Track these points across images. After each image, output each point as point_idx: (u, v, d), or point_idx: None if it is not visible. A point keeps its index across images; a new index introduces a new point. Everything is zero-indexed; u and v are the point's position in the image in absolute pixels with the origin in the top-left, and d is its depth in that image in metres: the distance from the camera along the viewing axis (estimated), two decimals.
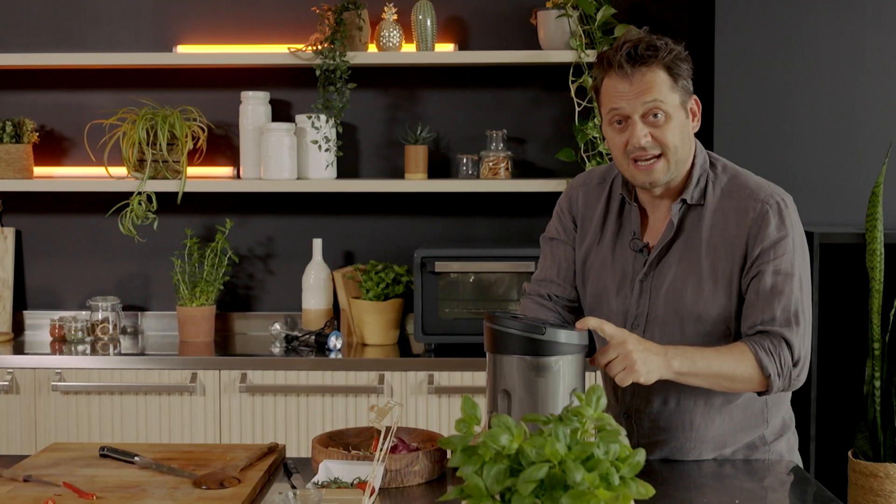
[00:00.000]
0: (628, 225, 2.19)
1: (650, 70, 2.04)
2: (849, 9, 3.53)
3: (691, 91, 2.12)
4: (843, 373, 3.54)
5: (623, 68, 2.03)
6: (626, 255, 2.18)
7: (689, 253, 2.12)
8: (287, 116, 3.90)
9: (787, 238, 2.07)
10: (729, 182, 2.14)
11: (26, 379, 3.45)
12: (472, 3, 3.92)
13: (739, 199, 2.11)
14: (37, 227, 4.01)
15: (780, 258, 2.06)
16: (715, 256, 2.10)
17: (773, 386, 2.06)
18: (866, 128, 3.55)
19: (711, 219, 2.11)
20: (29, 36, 3.95)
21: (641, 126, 2.05)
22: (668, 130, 2.06)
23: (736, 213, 2.10)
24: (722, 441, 2.22)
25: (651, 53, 2.04)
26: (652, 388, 2.14)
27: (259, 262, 4.00)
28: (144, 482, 2.05)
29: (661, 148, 2.07)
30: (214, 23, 3.94)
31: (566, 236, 2.28)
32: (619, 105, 2.06)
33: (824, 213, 3.54)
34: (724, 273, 2.10)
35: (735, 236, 2.09)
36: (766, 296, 2.05)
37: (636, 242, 2.17)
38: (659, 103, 2.04)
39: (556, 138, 3.90)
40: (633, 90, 2.04)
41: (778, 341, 2.05)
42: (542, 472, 1.40)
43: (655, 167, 2.08)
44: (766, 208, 2.08)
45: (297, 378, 3.43)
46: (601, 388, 1.53)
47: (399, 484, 2.04)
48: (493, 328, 2.04)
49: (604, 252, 2.21)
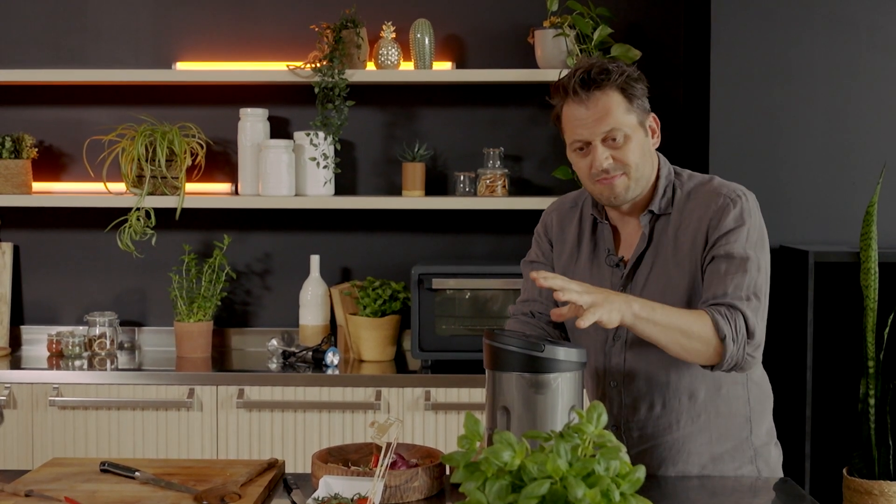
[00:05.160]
0: (602, 243, 2.28)
1: (604, 94, 2.13)
2: (843, 29, 3.56)
3: (648, 109, 2.20)
4: (838, 390, 3.56)
5: (578, 94, 2.13)
6: (604, 271, 2.26)
7: (660, 257, 2.20)
8: (285, 133, 3.92)
9: (744, 227, 2.14)
10: (694, 186, 2.23)
11: (24, 394, 3.46)
12: (470, 21, 3.95)
13: (702, 196, 2.20)
14: (35, 242, 4.02)
15: (735, 243, 2.12)
16: (681, 250, 2.18)
17: (727, 353, 2.05)
18: (860, 147, 3.58)
19: (677, 220, 2.20)
20: (29, 52, 3.97)
21: (602, 150, 2.14)
22: (629, 151, 2.15)
23: (699, 208, 2.18)
24: (709, 442, 2.25)
25: (604, 77, 2.12)
26: (637, 395, 2.21)
27: (256, 278, 4.01)
28: (145, 497, 2.06)
29: (622, 168, 2.15)
30: (213, 40, 3.97)
31: (545, 258, 2.38)
32: (580, 134, 2.15)
33: (819, 232, 3.57)
34: (689, 260, 2.17)
35: (697, 229, 2.17)
36: (721, 275, 2.10)
37: (612, 258, 2.25)
38: (616, 127, 2.13)
39: (553, 156, 3.92)
40: (590, 115, 2.13)
41: (733, 310, 2.07)
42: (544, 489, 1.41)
43: (616, 182, 2.16)
44: (727, 201, 2.16)
45: (295, 394, 3.44)
46: (601, 405, 1.55)
47: (399, 500, 2.05)
48: (493, 345, 2.06)
49: (581, 270, 2.29)
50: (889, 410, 3.36)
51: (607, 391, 2.27)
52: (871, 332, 3.35)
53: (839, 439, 3.57)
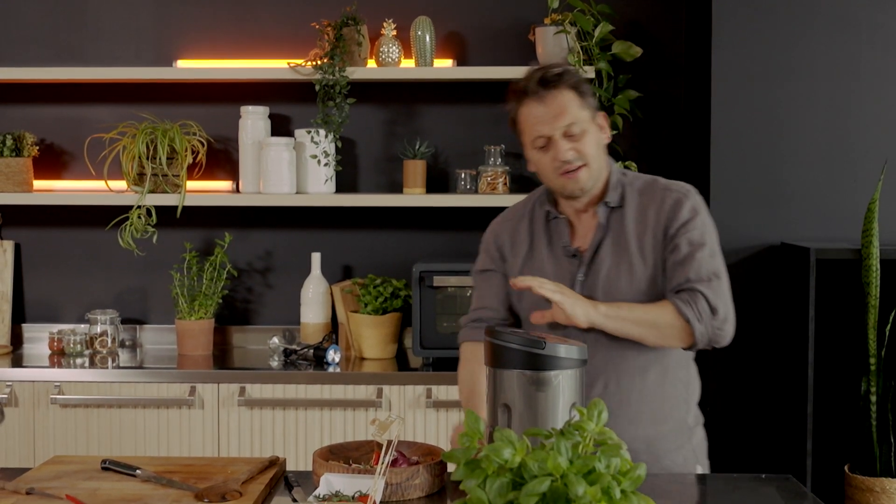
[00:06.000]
0: (557, 237, 2.41)
1: (560, 92, 2.31)
2: (844, 27, 3.56)
3: (597, 108, 2.39)
4: (840, 388, 3.56)
5: (537, 93, 2.31)
6: (562, 263, 2.39)
7: (618, 246, 2.35)
8: (286, 131, 3.92)
9: (698, 217, 2.33)
10: (643, 184, 2.41)
11: (25, 392, 3.46)
12: (471, 19, 3.95)
13: (655, 192, 2.38)
14: (36, 240, 4.02)
15: (691, 231, 2.31)
16: (641, 242, 2.34)
17: (697, 332, 2.23)
18: (862, 144, 3.57)
19: (634, 213, 2.36)
20: (30, 50, 3.97)
21: (564, 142, 2.31)
22: (587, 143, 2.32)
23: (654, 203, 2.36)
24: (653, 421, 2.36)
25: (558, 77, 2.32)
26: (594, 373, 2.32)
27: (258, 275, 4.01)
28: (146, 495, 2.06)
29: (583, 159, 2.32)
30: (214, 37, 3.96)
31: (495, 266, 2.49)
32: (541, 130, 2.31)
33: (820, 229, 3.57)
34: (651, 254, 2.33)
35: (655, 222, 2.34)
36: (681, 262, 2.29)
37: (568, 249, 2.38)
38: (574, 121, 2.31)
39: None
40: (549, 112, 2.30)
41: (692, 293, 2.25)
42: (545, 486, 1.41)
43: (580, 175, 2.33)
44: (679, 196, 2.35)
45: (296, 392, 3.44)
46: (602, 403, 1.55)
47: (400, 497, 2.05)
48: (493, 343, 2.06)
49: (539, 265, 2.41)
50: (890, 407, 3.36)
51: None
52: (873, 330, 3.35)
53: (841, 436, 3.57)
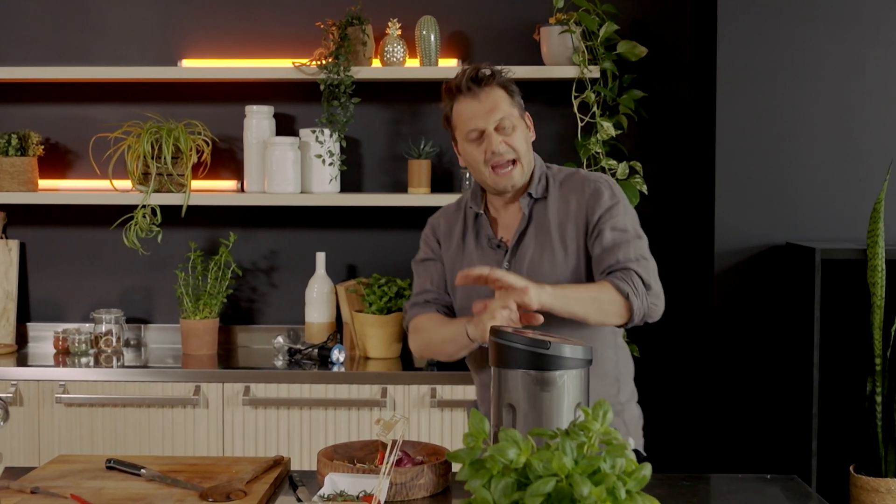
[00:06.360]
0: (483, 231, 2.57)
1: (492, 89, 2.46)
2: (849, 25, 3.55)
3: (524, 107, 2.53)
4: (845, 388, 3.55)
5: (471, 89, 2.45)
6: (488, 254, 2.54)
7: (541, 235, 2.49)
8: (291, 130, 3.92)
9: (619, 204, 2.47)
10: (565, 176, 2.56)
11: (30, 391, 3.46)
12: (476, 18, 3.94)
13: (575, 183, 2.53)
14: (41, 239, 4.03)
15: (615, 218, 2.45)
16: (562, 230, 2.48)
17: (634, 306, 2.36)
18: (867, 144, 3.57)
19: (556, 203, 2.51)
20: (34, 49, 3.97)
21: (496, 135, 2.45)
22: (517, 138, 2.47)
23: (574, 193, 2.50)
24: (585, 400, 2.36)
25: (490, 76, 2.46)
26: None
27: (262, 275, 4.02)
28: (151, 494, 2.06)
29: (514, 153, 2.46)
30: (219, 37, 3.97)
31: (434, 255, 2.64)
32: (475, 124, 2.45)
33: (825, 230, 3.56)
34: (573, 241, 2.47)
35: (577, 210, 2.48)
36: (610, 247, 2.42)
37: (493, 241, 2.53)
38: (505, 116, 2.45)
39: (559, 153, 3.91)
40: (483, 107, 2.45)
41: (626, 272, 2.39)
42: (550, 486, 1.41)
43: (513, 173, 2.47)
44: (598, 185, 2.50)
45: (300, 391, 3.44)
46: (608, 403, 1.55)
47: (404, 497, 2.05)
48: (498, 342, 2.06)
49: (469, 257, 2.56)
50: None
51: None
52: (878, 330, 3.34)
53: (846, 437, 3.56)
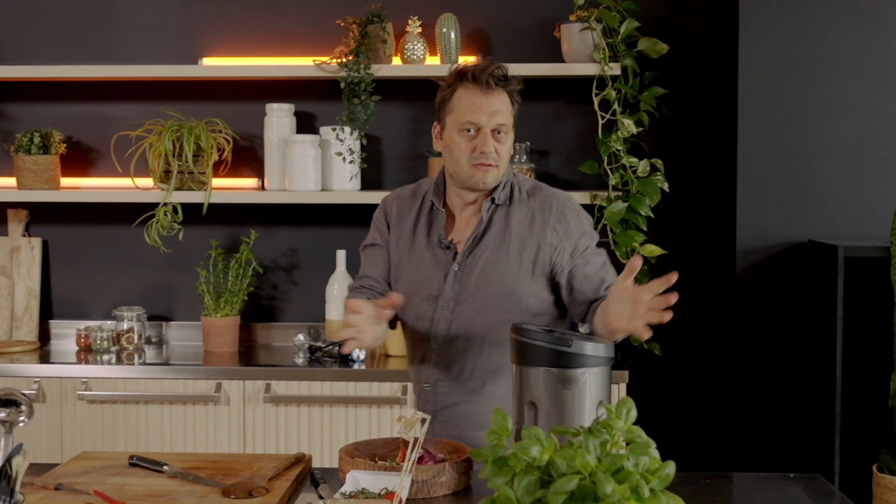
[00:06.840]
0: (436, 228, 2.53)
1: (504, 93, 2.46)
2: (872, 22, 3.53)
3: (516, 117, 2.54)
4: (868, 386, 3.53)
5: (489, 84, 2.43)
6: (437, 253, 2.51)
7: (498, 244, 2.48)
8: (311, 128, 3.93)
9: (587, 230, 2.50)
10: (531, 187, 2.56)
11: (53, 388, 3.48)
12: (496, 16, 3.94)
13: (541, 198, 2.52)
14: (63, 237, 4.05)
15: (591, 243, 2.48)
16: (522, 244, 2.47)
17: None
18: (890, 141, 3.54)
19: (520, 214, 2.50)
20: (56, 48, 3.99)
21: (491, 138, 2.44)
22: (505, 146, 2.47)
23: (540, 208, 2.50)
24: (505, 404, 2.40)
25: (508, 80, 2.46)
26: (453, 357, 2.48)
27: (283, 272, 4.02)
28: (173, 491, 2.07)
29: (498, 160, 2.46)
30: (240, 35, 3.97)
31: (382, 241, 2.60)
32: (477, 119, 2.44)
33: (848, 227, 3.54)
34: (530, 257, 2.46)
35: (541, 227, 2.47)
36: (598, 272, 2.45)
37: (442, 241, 2.50)
38: (504, 123, 2.46)
39: (579, 151, 3.91)
40: (489, 106, 2.44)
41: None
42: (573, 484, 1.41)
43: (491, 171, 2.46)
44: (563, 207, 2.50)
45: (321, 389, 3.45)
46: (631, 401, 1.54)
47: (426, 495, 2.05)
48: (520, 340, 2.06)
49: (417, 251, 2.54)
50: None
51: (428, 353, 2.51)
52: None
53: (869, 436, 3.54)
